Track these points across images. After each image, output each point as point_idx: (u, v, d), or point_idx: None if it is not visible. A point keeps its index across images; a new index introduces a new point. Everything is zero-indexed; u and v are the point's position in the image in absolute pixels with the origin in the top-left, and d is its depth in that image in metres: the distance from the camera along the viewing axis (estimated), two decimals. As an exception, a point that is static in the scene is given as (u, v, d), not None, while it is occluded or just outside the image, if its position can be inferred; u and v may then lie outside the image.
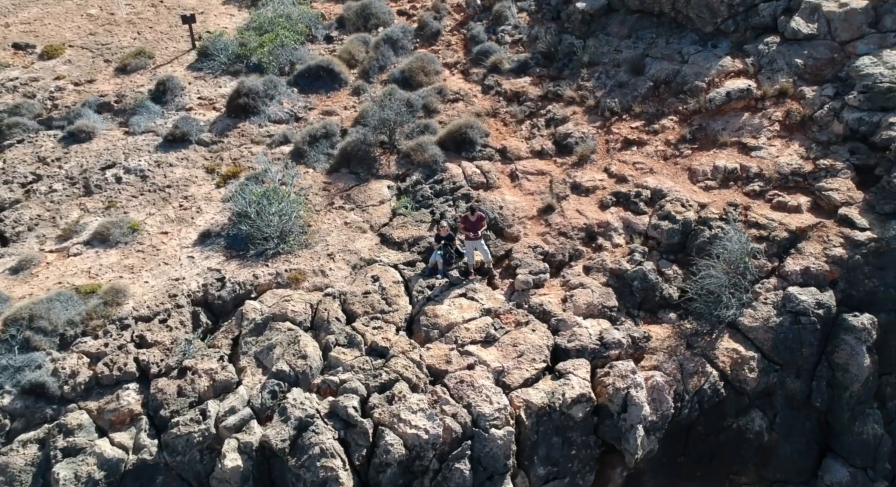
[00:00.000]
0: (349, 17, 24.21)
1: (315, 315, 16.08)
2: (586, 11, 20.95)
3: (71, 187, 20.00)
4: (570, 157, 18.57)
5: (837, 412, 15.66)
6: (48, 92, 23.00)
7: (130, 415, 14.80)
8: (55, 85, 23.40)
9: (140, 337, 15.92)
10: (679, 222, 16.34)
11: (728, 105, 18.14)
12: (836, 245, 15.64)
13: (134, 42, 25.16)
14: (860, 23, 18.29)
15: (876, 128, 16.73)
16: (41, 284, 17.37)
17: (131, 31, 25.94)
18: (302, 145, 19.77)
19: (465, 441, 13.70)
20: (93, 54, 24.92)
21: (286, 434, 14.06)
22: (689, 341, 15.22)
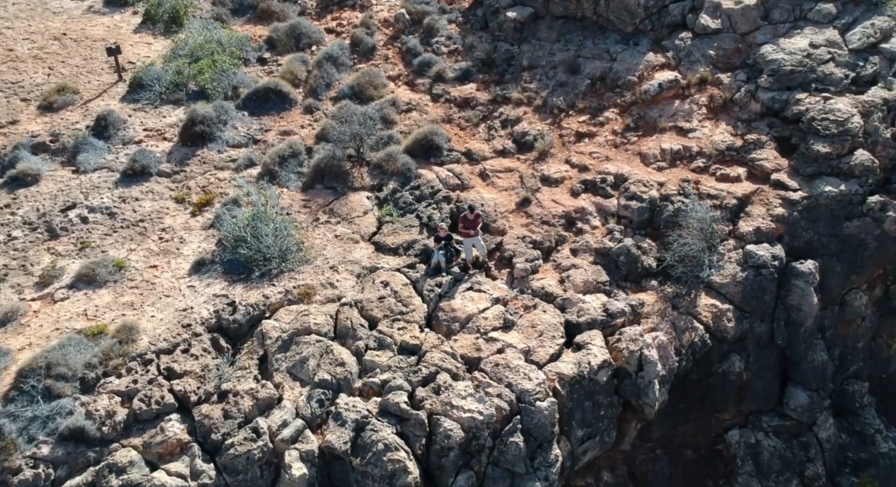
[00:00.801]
0: (279, 38, 24.69)
1: (337, 325, 16.87)
2: (517, 20, 22.84)
3: (32, 233, 19.37)
4: (531, 153, 20.36)
5: (794, 346, 18.48)
6: (-30, 139, 21.93)
7: (180, 444, 15.01)
8: (-26, 130, 22.34)
9: (168, 369, 16.05)
10: (645, 200, 18.56)
11: (661, 95, 20.64)
12: (777, 206, 18.43)
13: (49, 78, 24.27)
14: (755, 17, 21.36)
15: (786, 104, 19.76)
16: (37, 333, 16.93)
17: (41, 66, 24.94)
18: (272, 166, 20.26)
19: (514, 416, 15.12)
20: (5, 94, 23.83)
21: (346, 436, 14.88)
22: (674, 302, 17.43)
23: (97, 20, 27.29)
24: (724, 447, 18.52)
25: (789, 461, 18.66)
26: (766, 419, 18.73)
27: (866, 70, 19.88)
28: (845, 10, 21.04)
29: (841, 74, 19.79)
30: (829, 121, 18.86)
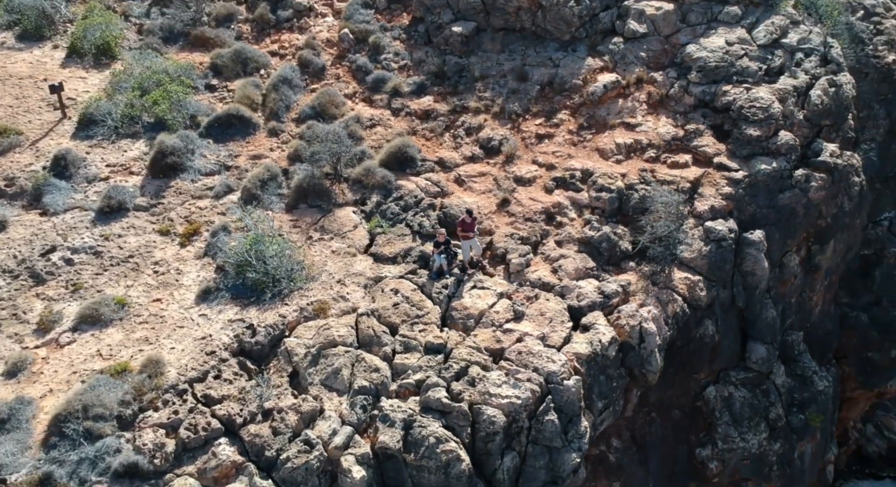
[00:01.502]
0: (225, 64, 24.84)
1: (359, 335, 17.67)
2: (462, 33, 24.28)
3: (15, 281, 18.87)
4: (498, 157, 21.86)
5: (751, 306, 21.03)
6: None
7: (234, 466, 15.44)
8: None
9: (205, 396, 16.36)
10: (613, 191, 20.51)
11: (606, 95, 22.69)
12: (724, 185, 20.89)
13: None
14: (674, 20, 23.89)
15: (714, 96, 22.34)
16: (54, 378, 16.72)
17: (-32, 110, 23.91)
18: (254, 190, 20.66)
19: (545, 396, 16.56)
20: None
21: (397, 435, 15.82)
22: (653, 279, 19.46)
23: (16, 56, 26.26)
24: (703, 403, 20.82)
25: (756, 407, 21.23)
26: (733, 374, 21.20)
27: (774, 62, 22.81)
28: (748, 12, 23.96)
29: (755, 66, 22.62)
30: (755, 108, 21.57)
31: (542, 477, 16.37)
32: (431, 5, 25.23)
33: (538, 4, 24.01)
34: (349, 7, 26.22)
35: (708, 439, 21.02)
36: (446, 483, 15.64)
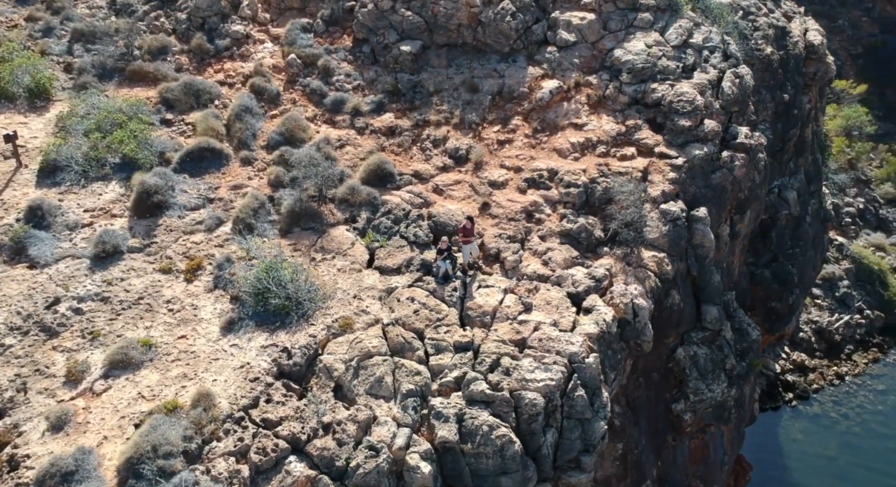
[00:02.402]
0: (176, 98, 24.88)
1: (390, 344, 18.88)
2: (411, 52, 25.70)
3: (26, 337, 18.59)
4: (468, 164, 23.56)
5: (702, 274, 24.02)
6: None
7: (309, 480, 16.38)
8: None
9: (264, 420, 17.06)
10: (580, 186, 22.79)
11: (552, 100, 24.94)
12: (668, 172, 23.70)
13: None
14: (598, 28, 26.52)
15: (644, 93, 25.16)
16: (104, 426, 16.88)
17: None
18: (248, 219, 21.23)
19: (572, 375, 18.57)
20: None
21: (453, 429, 17.30)
22: (626, 260, 21.94)
23: (-63, 107, 25.04)
24: (674, 364, 23.60)
25: (716, 361, 24.32)
26: (693, 335, 24.15)
27: (688, 60, 25.97)
28: (658, 17, 26.99)
29: (673, 65, 25.66)
30: (682, 101, 24.57)
31: (577, 447, 18.41)
32: (374, 27, 26.50)
33: (477, 21, 25.94)
34: (289, 32, 26.94)
35: (680, 394, 23.88)
36: (502, 466, 17.33)
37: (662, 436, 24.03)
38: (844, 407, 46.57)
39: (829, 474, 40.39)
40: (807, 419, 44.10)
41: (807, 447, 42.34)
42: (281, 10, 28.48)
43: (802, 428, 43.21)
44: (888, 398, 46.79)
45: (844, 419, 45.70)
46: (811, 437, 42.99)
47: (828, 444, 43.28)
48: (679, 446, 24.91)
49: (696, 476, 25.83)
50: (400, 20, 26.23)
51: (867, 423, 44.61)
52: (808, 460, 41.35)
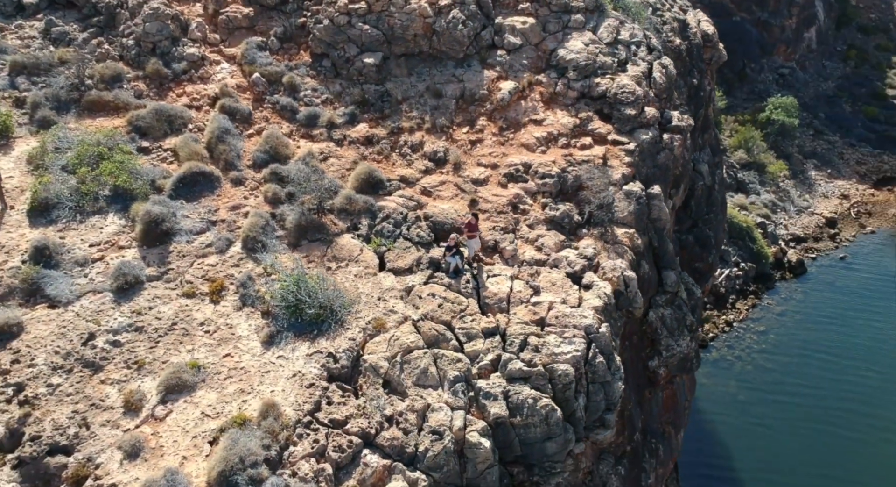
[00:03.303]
0: (149, 125, 24.89)
1: (425, 337, 20.39)
2: (374, 63, 26.94)
3: (72, 374, 18.74)
4: (447, 166, 25.24)
5: (661, 244, 27.02)
6: None
7: (385, 469, 17.78)
8: None
9: (332, 421, 18.22)
10: (553, 176, 25.07)
11: (511, 100, 27.01)
12: (623, 156, 26.42)
13: None
14: (538, 30, 28.81)
15: (590, 88, 27.79)
16: (178, 447, 17.54)
17: None
18: (259, 237, 22.00)
19: (590, 344, 20.83)
20: None
21: (503, 405, 19.17)
22: (604, 239, 24.48)
23: None
24: (647, 325, 26.47)
25: (679, 319, 27.43)
26: (657, 298, 27.12)
27: (621, 55, 28.82)
28: (588, 18, 29.64)
29: (610, 60, 28.41)
30: (625, 93, 27.37)
31: (601, 407, 20.77)
32: (332, 41, 27.56)
33: (432, 30, 27.58)
34: (247, 52, 27.50)
35: (654, 352, 26.81)
36: (548, 432, 19.39)
37: (642, 391, 26.91)
38: (736, 350, 52.79)
39: (734, 407, 46.00)
40: (709, 365, 49.50)
41: (712, 387, 47.71)
42: (230, 30, 28.87)
43: (706, 372, 48.33)
44: (768, 337, 53.42)
45: (738, 360, 51.82)
46: (714, 379, 48.48)
47: (728, 383, 49.07)
48: (654, 398, 27.92)
49: (668, 423, 29.01)
50: (359, 34, 27.46)
51: (755, 360, 50.89)
52: (715, 398, 46.82)
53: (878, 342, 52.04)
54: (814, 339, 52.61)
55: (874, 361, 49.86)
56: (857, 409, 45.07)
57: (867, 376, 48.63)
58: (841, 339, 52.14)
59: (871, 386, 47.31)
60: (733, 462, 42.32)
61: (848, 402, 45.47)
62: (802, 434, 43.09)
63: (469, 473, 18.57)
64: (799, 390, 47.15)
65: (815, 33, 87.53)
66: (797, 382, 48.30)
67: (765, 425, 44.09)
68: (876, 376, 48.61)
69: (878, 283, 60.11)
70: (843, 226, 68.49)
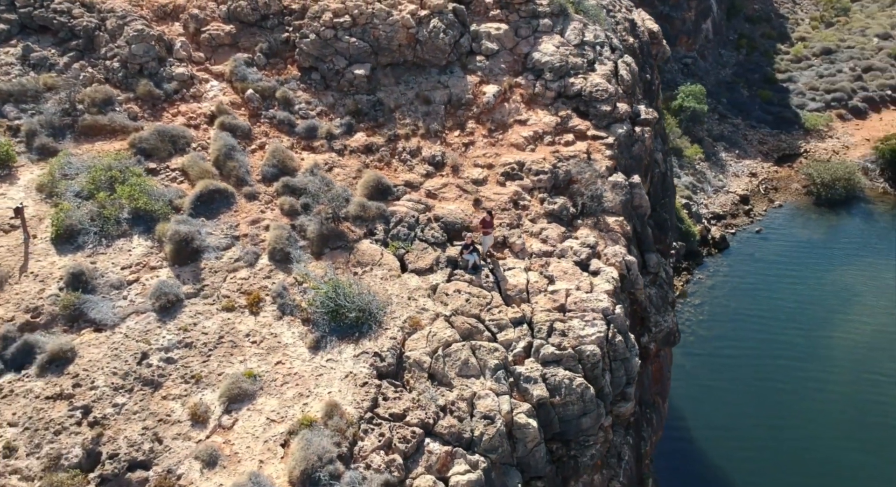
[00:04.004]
0: (153, 146, 25.16)
1: (458, 331, 21.78)
2: (364, 74, 27.98)
3: (134, 393, 19.29)
4: (446, 169, 26.65)
5: (643, 229, 29.25)
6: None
7: (448, 454, 19.19)
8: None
9: (392, 415, 19.44)
10: (546, 172, 26.84)
11: (496, 102, 28.63)
12: (604, 150, 28.47)
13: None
14: (512, 36, 30.54)
15: (566, 87, 29.71)
16: (252, 452, 18.51)
17: None
18: (286, 248, 22.86)
19: (609, 325, 22.70)
20: None
21: (543, 387, 20.84)
22: (598, 228, 26.45)
23: None
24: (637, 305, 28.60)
25: (663, 297, 29.80)
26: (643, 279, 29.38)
27: (589, 56, 30.87)
28: (555, 22, 31.52)
29: (580, 61, 30.41)
30: (599, 90, 29.43)
31: (623, 382, 22.75)
32: (320, 55, 28.46)
33: (415, 40, 28.87)
34: (236, 69, 28.06)
35: (645, 329, 29.07)
36: (584, 408, 21.19)
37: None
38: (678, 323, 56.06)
39: (682, 378, 48.95)
40: (655, 340, 52.47)
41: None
42: (213, 48, 29.31)
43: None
44: (704, 308, 57.15)
45: (681, 332, 55.15)
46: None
47: (675, 357, 52.25)
48: (645, 371, 30.19)
49: (657, 393, 31.42)
50: (346, 46, 28.46)
51: (696, 331, 54.41)
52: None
53: (800, 304, 56.31)
54: (743, 306, 56.59)
55: (798, 320, 54.05)
56: (788, 365, 48.93)
57: (793, 334, 52.80)
58: (767, 303, 56.28)
59: (798, 343, 51.38)
60: (687, 423, 45.39)
61: (780, 359, 49.28)
62: (744, 391, 46.38)
63: (519, 452, 20.18)
64: (737, 352, 50.76)
65: (711, 24, 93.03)
66: (734, 345, 51.90)
67: (710, 386, 47.31)
68: (801, 333, 52.80)
69: (792, 251, 65.00)
70: (755, 202, 73.36)
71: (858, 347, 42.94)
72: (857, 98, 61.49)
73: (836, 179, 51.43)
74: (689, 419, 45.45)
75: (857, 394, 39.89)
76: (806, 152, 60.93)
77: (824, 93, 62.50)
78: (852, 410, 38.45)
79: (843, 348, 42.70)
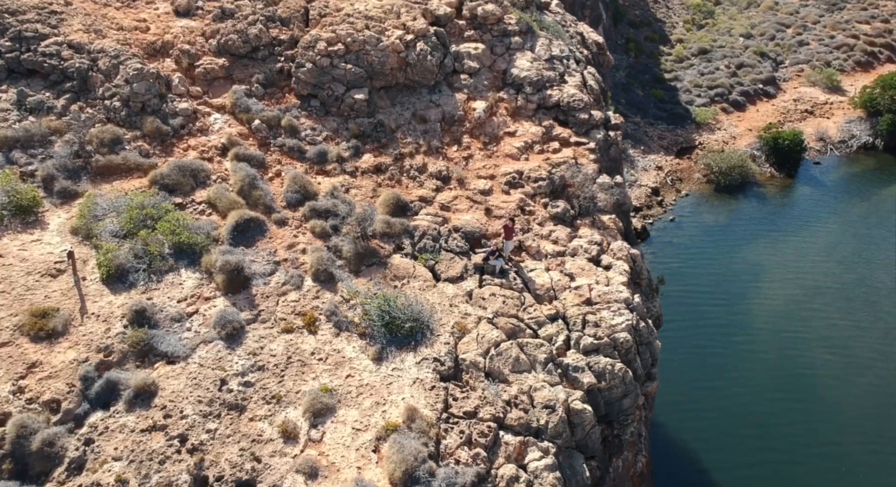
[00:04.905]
0: (176, 181, 25.68)
1: (503, 331, 23.66)
2: (364, 98, 29.37)
3: (222, 418, 20.20)
4: (452, 182, 28.47)
5: (626, 224, 31.97)
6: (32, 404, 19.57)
7: (522, 444, 21.07)
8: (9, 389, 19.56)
9: (465, 412, 21.15)
10: (544, 179, 29.10)
11: (485, 117, 30.68)
12: (588, 154, 31.01)
13: (8, 317, 21.45)
14: (489, 54, 32.68)
15: (545, 99, 32.12)
16: (347, 461, 19.88)
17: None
18: (329, 269, 24.10)
19: (632, 312, 25.10)
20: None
21: (590, 375, 23.01)
22: (595, 226, 28.92)
23: None
24: (630, 294, 31.35)
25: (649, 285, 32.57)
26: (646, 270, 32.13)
27: (559, 69, 33.39)
28: (524, 39, 33.86)
29: (553, 74, 32.89)
30: (575, 100, 31.98)
31: (649, 363, 25.30)
32: (318, 82, 29.68)
33: (405, 63, 30.54)
34: (238, 101, 28.92)
35: (637, 315, 31.78)
36: (625, 389, 23.53)
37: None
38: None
39: None
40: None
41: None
42: (208, 82, 30.01)
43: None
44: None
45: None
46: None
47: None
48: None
49: (648, 374, 34.21)
50: (343, 73, 29.81)
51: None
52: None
53: (718, 280, 60.62)
54: (670, 288, 61.00)
55: (719, 295, 58.41)
56: (716, 333, 52.80)
57: (717, 307, 56.99)
58: (690, 282, 60.69)
59: (722, 315, 55.51)
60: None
61: (707, 328, 53.33)
62: (682, 360, 49.87)
63: (578, 436, 22.29)
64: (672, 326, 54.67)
65: (602, 30, 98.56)
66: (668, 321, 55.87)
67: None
68: (724, 307, 56.94)
69: (703, 234, 70.16)
70: (665, 193, 78.49)
71: (774, 313, 47.18)
72: (736, 93, 67.11)
73: (731, 167, 56.45)
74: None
75: (779, 352, 43.99)
76: (700, 145, 65.92)
77: (707, 89, 67.72)
78: (777, 368, 42.47)
79: (761, 315, 46.89)
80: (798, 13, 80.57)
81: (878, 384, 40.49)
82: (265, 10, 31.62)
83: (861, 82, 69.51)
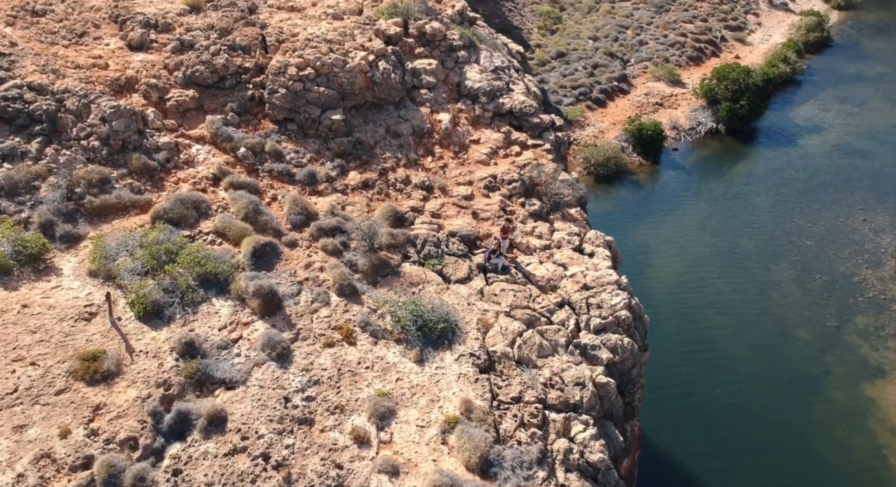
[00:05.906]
0: (181, 214, 25.78)
1: (522, 321, 25.71)
2: (340, 119, 30.43)
3: (295, 434, 21.10)
4: (437, 191, 30.22)
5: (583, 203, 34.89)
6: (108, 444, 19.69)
7: (565, 419, 23.24)
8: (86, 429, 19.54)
9: (512, 398, 23.09)
10: (517, 180, 31.41)
11: (451, 129, 32.58)
12: (546, 154, 33.64)
13: (57, 364, 21.10)
14: (441, 68, 34.62)
15: (499, 107, 34.40)
16: (422, 456, 21.43)
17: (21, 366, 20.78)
18: (351, 283, 25.26)
19: (625, 291, 27.84)
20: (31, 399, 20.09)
21: (606, 350, 25.54)
22: (566, 219, 31.55)
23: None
24: (596, 278, 34.26)
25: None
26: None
27: (504, 78, 35.85)
28: (469, 53, 36.04)
29: (501, 84, 35.28)
30: (527, 106, 34.55)
31: (643, 335, 28.17)
32: (293, 107, 30.53)
33: (372, 82, 31.94)
34: (218, 131, 29.31)
35: (604, 297, 34.74)
36: (633, 360, 26.29)
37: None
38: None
39: None
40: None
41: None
42: (181, 114, 30.11)
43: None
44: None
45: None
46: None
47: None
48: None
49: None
50: (317, 96, 30.82)
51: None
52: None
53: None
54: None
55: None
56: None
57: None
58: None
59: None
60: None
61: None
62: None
63: (605, 406, 24.75)
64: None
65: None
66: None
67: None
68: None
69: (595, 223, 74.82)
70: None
71: (668, 284, 51.75)
72: (596, 91, 72.81)
73: (607, 158, 61.46)
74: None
75: (679, 318, 48.57)
76: (575, 140, 71.06)
77: (571, 89, 72.88)
78: (679, 332, 46.93)
79: (657, 287, 51.46)
80: (633, 16, 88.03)
81: (763, 334, 45.77)
82: (224, 40, 32.09)
83: (695, 75, 76.75)
